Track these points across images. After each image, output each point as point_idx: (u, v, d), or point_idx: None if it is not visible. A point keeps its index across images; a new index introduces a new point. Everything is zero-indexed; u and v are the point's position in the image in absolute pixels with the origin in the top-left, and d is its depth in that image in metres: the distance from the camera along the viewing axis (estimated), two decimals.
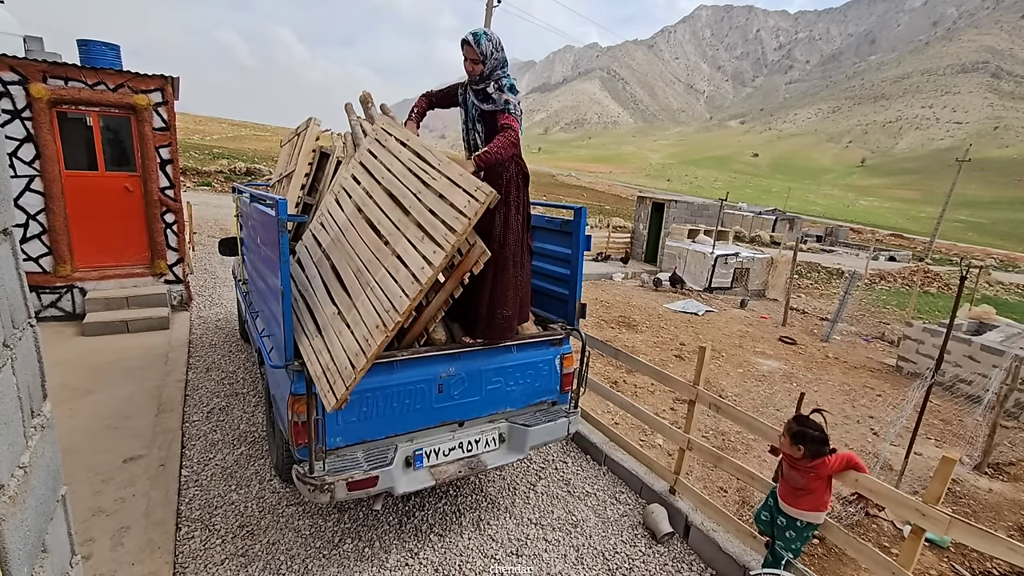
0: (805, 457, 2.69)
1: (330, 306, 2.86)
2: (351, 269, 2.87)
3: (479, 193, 2.47)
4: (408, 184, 2.82)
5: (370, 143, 3.26)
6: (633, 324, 9.64)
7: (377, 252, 2.77)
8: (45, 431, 1.03)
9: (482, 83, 2.99)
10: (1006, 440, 5.88)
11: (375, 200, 2.96)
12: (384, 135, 3.14)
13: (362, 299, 2.70)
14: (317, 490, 2.76)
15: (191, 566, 2.89)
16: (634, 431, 5.18)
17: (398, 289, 2.53)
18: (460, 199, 2.54)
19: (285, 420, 2.92)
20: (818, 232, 39.40)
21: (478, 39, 2.89)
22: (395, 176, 2.93)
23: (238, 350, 5.97)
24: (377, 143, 3.20)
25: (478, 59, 2.90)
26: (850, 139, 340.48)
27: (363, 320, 2.62)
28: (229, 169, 26.34)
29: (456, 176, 2.61)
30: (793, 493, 2.78)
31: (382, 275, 2.66)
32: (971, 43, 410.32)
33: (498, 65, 2.96)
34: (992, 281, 22.88)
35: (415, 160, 2.87)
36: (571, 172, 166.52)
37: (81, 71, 5.75)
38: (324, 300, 2.93)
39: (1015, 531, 4.21)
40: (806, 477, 2.73)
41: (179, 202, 6.65)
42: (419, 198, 2.72)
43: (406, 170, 2.88)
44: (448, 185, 2.64)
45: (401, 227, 2.73)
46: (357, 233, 2.96)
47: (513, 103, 3.01)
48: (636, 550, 3.39)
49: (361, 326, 2.60)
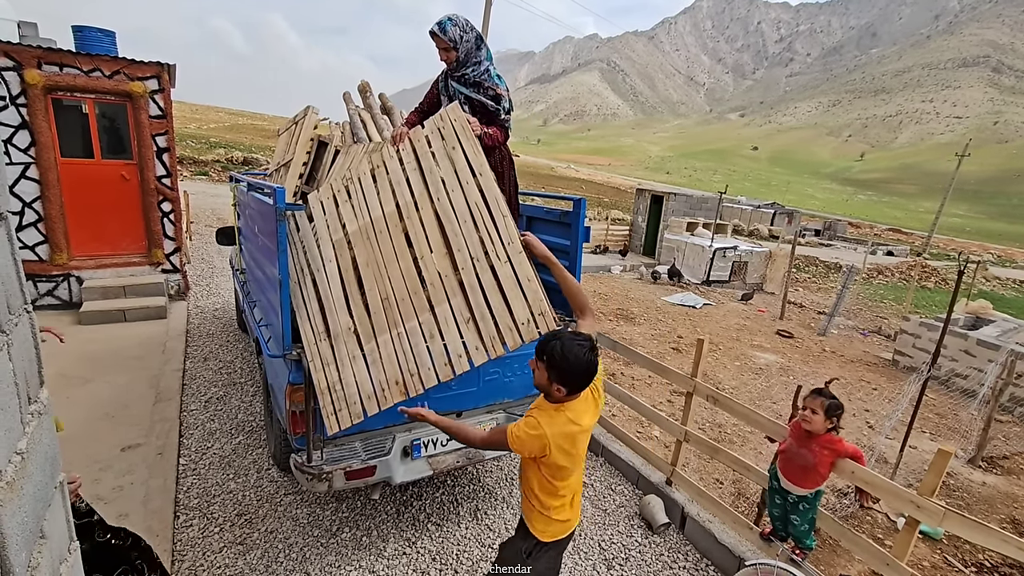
0: (832, 430, 2.70)
1: (345, 315, 2.64)
2: (378, 288, 2.59)
3: (542, 320, 2.27)
4: (467, 235, 2.45)
5: (435, 139, 2.65)
6: (631, 316, 9.65)
7: (413, 293, 2.50)
8: (42, 418, 1.02)
9: (460, 69, 2.95)
10: (1000, 434, 5.92)
11: (422, 220, 2.56)
12: (456, 145, 2.58)
13: (385, 338, 2.51)
14: (315, 479, 2.77)
15: (189, 554, 2.90)
16: (631, 423, 5.20)
17: (428, 361, 2.38)
18: (520, 311, 2.31)
19: (283, 409, 2.93)
20: (816, 226, 39.39)
21: (443, 27, 2.81)
22: (453, 209, 2.50)
23: (236, 340, 5.96)
24: (443, 147, 2.61)
25: (448, 47, 2.84)
26: (850, 133, 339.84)
27: (382, 363, 2.48)
28: (226, 158, 26.17)
29: (524, 278, 2.32)
30: (800, 472, 2.79)
31: (413, 328, 2.46)
32: (972, 37, 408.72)
33: (472, 47, 2.91)
34: (989, 276, 22.94)
35: (482, 210, 2.46)
36: (570, 164, 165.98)
37: (76, 57, 5.69)
38: (339, 300, 2.69)
39: (1008, 523, 4.26)
40: (819, 455, 2.73)
41: (176, 191, 6.61)
42: (475, 265, 2.40)
43: (468, 215, 2.48)
44: (512, 281, 2.35)
45: (447, 284, 2.45)
46: (393, 247, 2.60)
47: (505, 100, 2.95)
48: (632, 540, 3.41)
49: (379, 369, 2.48)
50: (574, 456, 1.92)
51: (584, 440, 1.96)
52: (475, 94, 2.90)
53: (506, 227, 2.39)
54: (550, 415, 1.88)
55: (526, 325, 2.27)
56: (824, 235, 37.54)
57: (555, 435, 1.85)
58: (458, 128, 2.60)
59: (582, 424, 1.88)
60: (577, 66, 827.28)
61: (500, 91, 2.90)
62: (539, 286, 2.30)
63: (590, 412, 1.94)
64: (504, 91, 2.94)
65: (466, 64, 2.91)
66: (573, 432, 1.87)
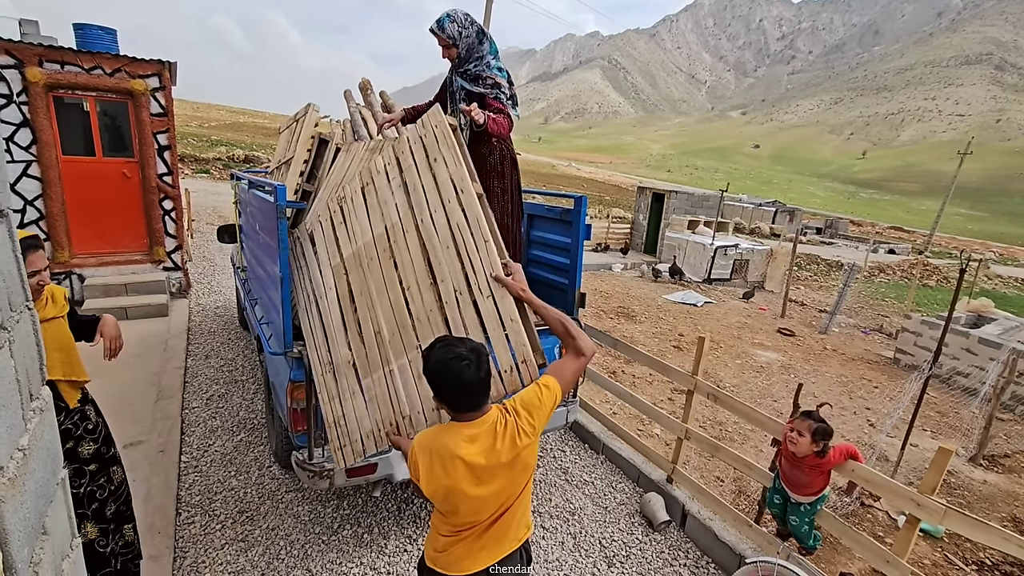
0: (820, 453, 2.67)
1: (344, 347, 2.54)
2: (371, 320, 2.44)
3: (525, 369, 1.97)
4: (450, 264, 2.21)
5: (417, 149, 2.39)
6: (632, 315, 9.65)
7: (402, 328, 2.34)
8: (44, 414, 1.03)
9: (463, 64, 2.94)
10: (1002, 432, 5.91)
11: (408, 245, 2.36)
12: (437, 156, 2.31)
13: (379, 375, 2.39)
14: (316, 476, 2.78)
15: (191, 550, 2.91)
16: (632, 420, 5.20)
17: (419, 404, 2.23)
18: (503, 357, 2.02)
19: (284, 407, 2.93)
20: (818, 224, 39.33)
21: (442, 24, 2.81)
22: (437, 233, 2.26)
23: (237, 337, 5.97)
24: (426, 159, 2.35)
25: (448, 43, 2.84)
26: (852, 131, 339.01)
27: (379, 404, 2.38)
28: (227, 156, 26.16)
29: (507, 317, 2.04)
30: (797, 486, 2.81)
31: (403, 366, 2.30)
32: (975, 34, 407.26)
33: (474, 42, 2.89)
34: (991, 275, 22.90)
35: (464, 235, 2.18)
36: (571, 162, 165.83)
37: (77, 55, 5.69)
38: (338, 331, 2.58)
39: (1008, 522, 4.26)
40: (810, 474, 2.75)
41: (177, 189, 6.62)
42: (458, 300, 2.16)
43: (451, 240, 2.21)
44: (494, 320, 2.06)
45: (432, 320, 2.24)
46: (383, 276, 2.43)
47: (504, 87, 2.91)
48: (633, 538, 3.42)
49: (375, 408, 2.40)
50: (450, 491, 1.57)
51: (469, 483, 1.57)
52: (475, 87, 2.89)
53: (488, 255, 2.10)
54: (435, 428, 1.68)
55: (509, 374, 2.01)
56: (825, 233, 37.48)
57: (422, 446, 1.61)
58: (439, 136, 2.32)
59: (460, 454, 1.55)
60: (578, 64, 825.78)
61: (500, 80, 2.87)
62: (522, 327, 2.01)
63: (487, 450, 1.57)
64: (503, 80, 2.89)
65: (469, 59, 2.90)
66: (445, 455, 1.56)
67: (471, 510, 1.61)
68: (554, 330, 1.92)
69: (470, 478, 1.56)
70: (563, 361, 1.86)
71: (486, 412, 1.63)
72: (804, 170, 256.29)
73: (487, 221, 2.17)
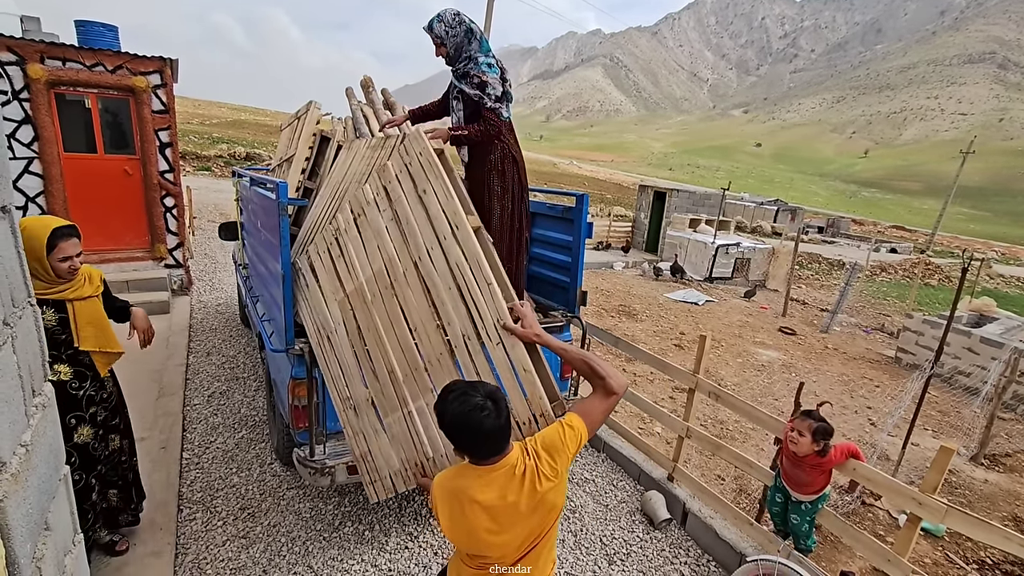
0: (821, 452, 2.67)
1: (360, 385, 2.49)
2: (383, 360, 2.35)
3: (543, 422, 1.83)
4: (454, 307, 2.08)
5: (404, 179, 2.27)
6: (633, 313, 9.65)
7: (414, 370, 2.25)
8: (46, 410, 1.03)
9: (455, 63, 2.96)
10: (1003, 432, 5.91)
11: (409, 283, 2.24)
12: (426, 188, 2.17)
13: (398, 415, 2.34)
14: (318, 473, 2.78)
15: (193, 547, 2.91)
16: (633, 419, 5.20)
17: (441, 448, 2.17)
18: (519, 407, 1.90)
19: (286, 404, 2.93)
20: (820, 223, 39.28)
21: (431, 25, 2.87)
22: (436, 272, 2.14)
23: (239, 335, 5.97)
24: (414, 190, 2.23)
25: (438, 43, 2.88)
26: (854, 129, 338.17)
27: (402, 445, 2.34)
28: (229, 154, 26.16)
29: (520, 366, 1.90)
30: (798, 484, 2.81)
31: (421, 409, 2.25)
32: (979, 33, 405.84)
33: (462, 41, 2.90)
34: (993, 274, 22.86)
35: (465, 274, 2.04)
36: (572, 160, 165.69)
37: (79, 52, 5.69)
38: (353, 368, 2.51)
39: (1009, 521, 4.25)
40: (811, 473, 2.75)
41: (179, 186, 6.62)
42: (467, 344, 2.05)
43: (452, 280, 2.08)
44: (506, 368, 1.93)
45: (443, 363, 2.15)
46: (388, 315, 2.33)
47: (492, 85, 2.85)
48: (634, 536, 3.42)
49: (399, 447, 2.36)
50: (471, 535, 1.50)
51: (489, 531, 1.49)
52: (467, 87, 2.89)
53: (493, 300, 1.96)
54: (454, 470, 1.59)
55: (527, 426, 1.90)
56: (827, 232, 37.42)
57: (441, 489, 1.54)
58: (424, 164, 2.16)
59: (478, 499, 1.47)
60: (580, 62, 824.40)
61: (485, 78, 2.83)
62: (536, 379, 1.87)
63: (505, 495, 1.48)
64: (491, 78, 2.83)
65: (458, 58, 2.92)
66: (464, 499, 1.49)
67: (496, 555, 1.54)
68: (579, 372, 1.79)
69: (489, 524, 1.49)
70: (592, 400, 1.70)
71: (508, 453, 1.52)
72: (806, 169, 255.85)
73: (488, 259, 2.03)
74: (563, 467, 1.56)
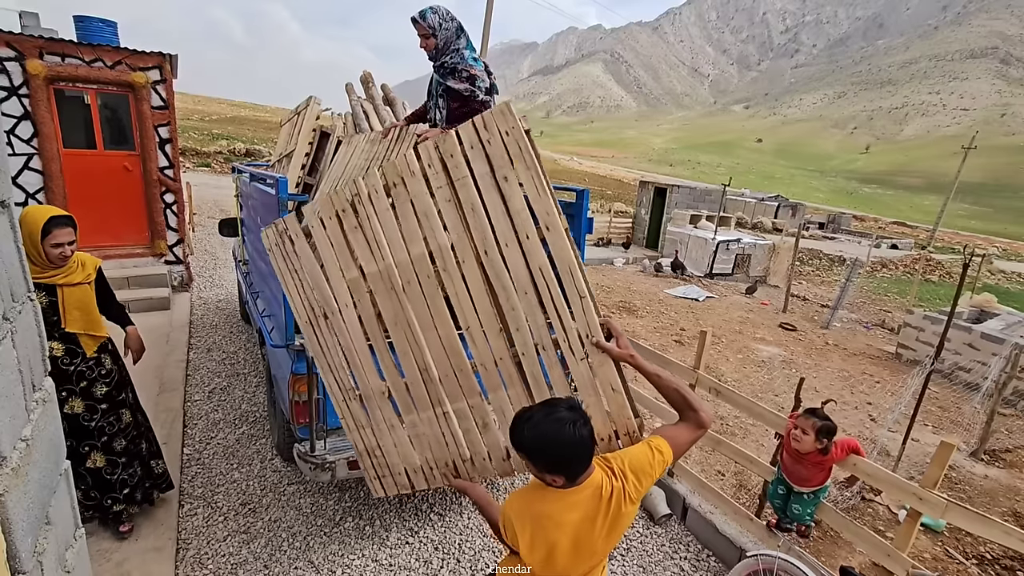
0: (823, 450, 2.68)
1: (375, 377, 2.24)
2: (412, 355, 2.12)
3: (628, 440, 1.78)
4: (529, 314, 1.89)
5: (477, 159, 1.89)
6: (634, 309, 9.65)
7: (459, 371, 2.06)
8: (47, 405, 1.03)
9: (440, 57, 2.94)
10: (1003, 427, 5.91)
11: (466, 277, 1.96)
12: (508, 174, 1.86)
13: (429, 415, 2.16)
14: (318, 469, 2.79)
15: (194, 542, 2.92)
16: None
17: (484, 451, 2.08)
18: (600, 424, 1.78)
19: (286, 400, 2.94)
20: (821, 219, 39.22)
21: (423, 14, 2.85)
22: (509, 272, 1.91)
23: (239, 331, 5.98)
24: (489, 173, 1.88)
25: (428, 33, 2.85)
26: (855, 125, 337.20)
27: (430, 444, 2.19)
28: (228, 150, 26.12)
29: (607, 385, 1.80)
30: (800, 479, 2.82)
31: (462, 411, 2.09)
32: (981, 28, 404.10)
33: (451, 36, 2.90)
34: (994, 270, 22.86)
35: (550, 283, 1.87)
36: (573, 156, 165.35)
37: (78, 47, 5.67)
38: (365, 357, 2.23)
39: (1009, 516, 4.26)
40: (812, 469, 2.75)
41: (179, 182, 6.61)
42: (540, 354, 1.92)
43: (531, 285, 1.88)
44: (588, 384, 1.83)
45: (502, 367, 1.99)
46: (428, 307, 2.04)
47: (481, 77, 2.84)
48: (634, 531, 3.43)
49: (425, 446, 2.21)
50: (550, 555, 1.46)
51: (569, 553, 1.45)
52: (455, 83, 2.88)
53: (585, 315, 1.82)
54: (529, 493, 1.52)
55: (606, 443, 1.80)
56: (828, 228, 37.38)
57: (519, 515, 1.48)
58: (511, 147, 1.83)
59: (565, 521, 1.43)
60: (580, 57, 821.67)
61: (473, 71, 2.82)
62: (626, 400, 1.77)
63: (591, 518, 1.44)
64: (478, 71, 2.83)
65: (446, 51, 2.91)
66: (548, 526, 1.43)
67: (563, 572, 1.51)
68: (671, 401, 1.71)
69: (569, 547, 1.45)
70: (681, 429, 1.65)
71: (591, 474, 1.46)
72: (807, 165, 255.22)
73: (580, 269, 1.85)
74: (645, 491, 1.52)
